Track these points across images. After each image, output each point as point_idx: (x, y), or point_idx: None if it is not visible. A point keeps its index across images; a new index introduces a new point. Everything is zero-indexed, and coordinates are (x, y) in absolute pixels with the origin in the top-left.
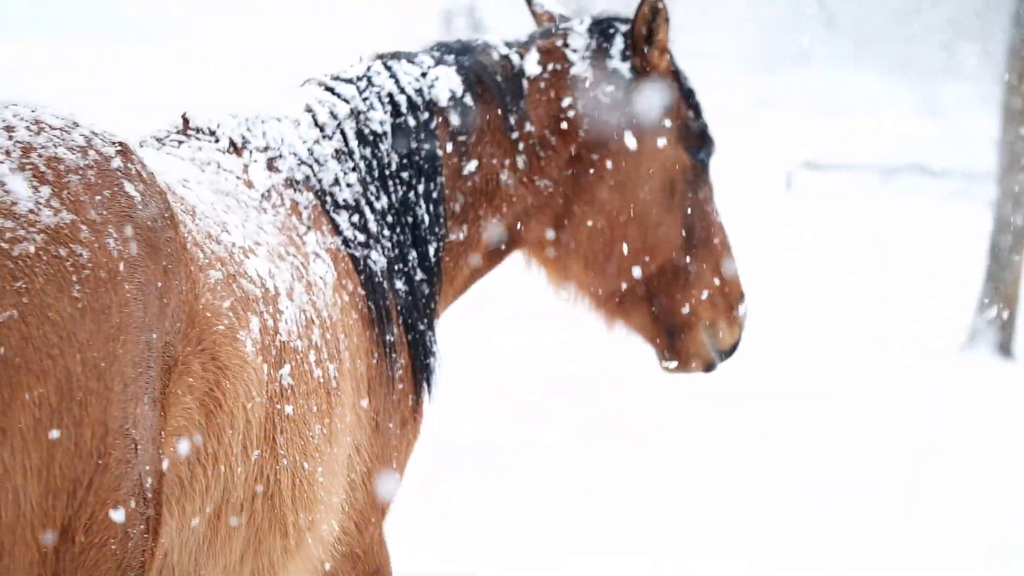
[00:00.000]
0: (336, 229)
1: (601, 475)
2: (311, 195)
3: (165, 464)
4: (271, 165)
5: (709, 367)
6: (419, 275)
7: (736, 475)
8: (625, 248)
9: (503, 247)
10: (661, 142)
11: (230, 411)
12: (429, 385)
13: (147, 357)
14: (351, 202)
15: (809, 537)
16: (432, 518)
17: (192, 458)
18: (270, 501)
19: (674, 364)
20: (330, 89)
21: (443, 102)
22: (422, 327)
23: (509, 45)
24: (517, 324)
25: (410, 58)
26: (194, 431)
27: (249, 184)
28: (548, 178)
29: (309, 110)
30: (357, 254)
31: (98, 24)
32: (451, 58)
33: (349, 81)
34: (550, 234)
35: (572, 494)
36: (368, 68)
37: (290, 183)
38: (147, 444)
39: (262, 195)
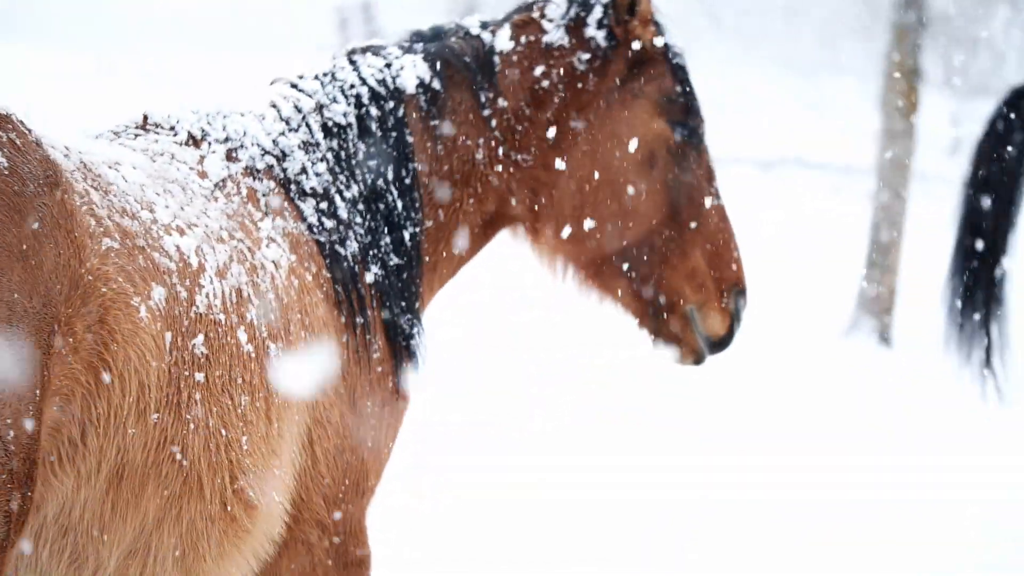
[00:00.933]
0: (301, 216)
1: (592, 463)
2: (272, 184)
3: (33, 420)
4: (230, 156)
5: (698, 357)
6: (395, 260)
7: (717, 463)
8: (602, 219)
9: (488, 226)
10: (639, 113)
11: (120, 374)
12: (415, 366)
13: (8, 316)
14: (319, 190)
15: (783, 527)
16: (418, 506)
17: (82, 418)
18: (180, 466)
19: (662, 348)
20: (295, 86)
21: (411, 90)
22: (400, 310)
23: (484, 25)
24: (507, 310)
25: (377, 51)
26: (81, 391)
27: (203, 174)
28: (526, 151)
29: (274, 105)
30: (322, 239)
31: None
32: (420, 46)
33: (315, 78)
34: (531, 207)
35: (564, 483)
36: (334, 64)
37: (250, 172)
38: (6, 397)
39: (216, 184)
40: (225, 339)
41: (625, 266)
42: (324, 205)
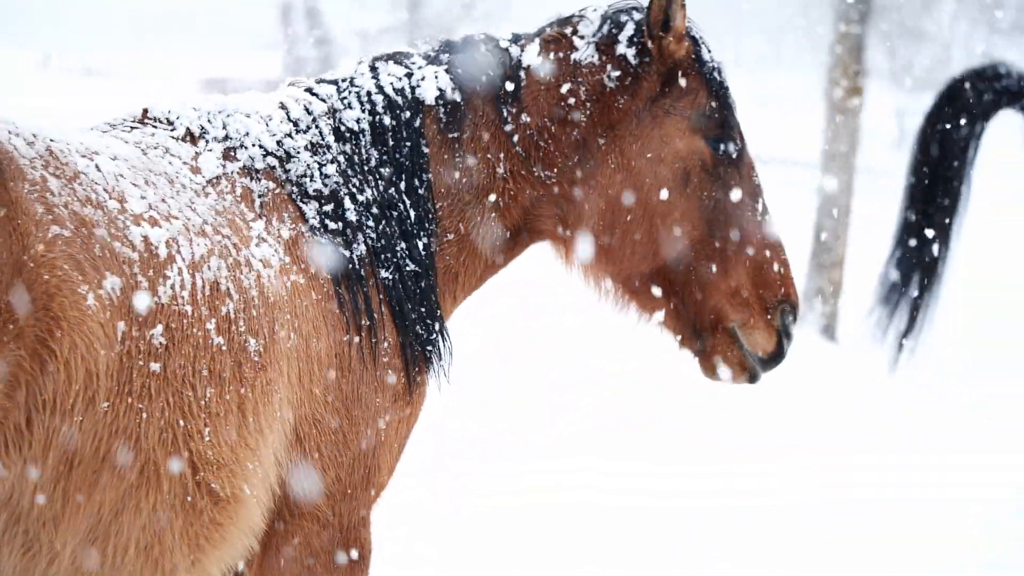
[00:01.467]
0: (303, 217)
1: (609, 468)
2: (272, 184)
3: None
4: (227, 155)
5: (750, 375)
6: (410, 266)
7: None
8: (635, 239)
9: (514, 240)
10: (672, 130)
11: (66, 361)
12: (433, 370)
13: None
14: (325, 192)
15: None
16: (437, 508)
17: (27, 404)
18: (135, 456)
19: (709, 369)
20: (309, 89)
21: (430, 100)
22: (416, 315)
23: (516, 39)
24: (525, 316)
25: (400, 59)
26: (26, 378)
27: (196, 170)
28: (550, 168)
29: (283, 107)
30: (325, 241)
31: None
32: (445, 56)
33: (332, 83)
34: (560, 225)
35: (581, 487)
36: (355, 70)
37: (247, 172)
38: None
39: (209, 180)
40: (191, 331)
41: (663, 286)
42: (330, 207)
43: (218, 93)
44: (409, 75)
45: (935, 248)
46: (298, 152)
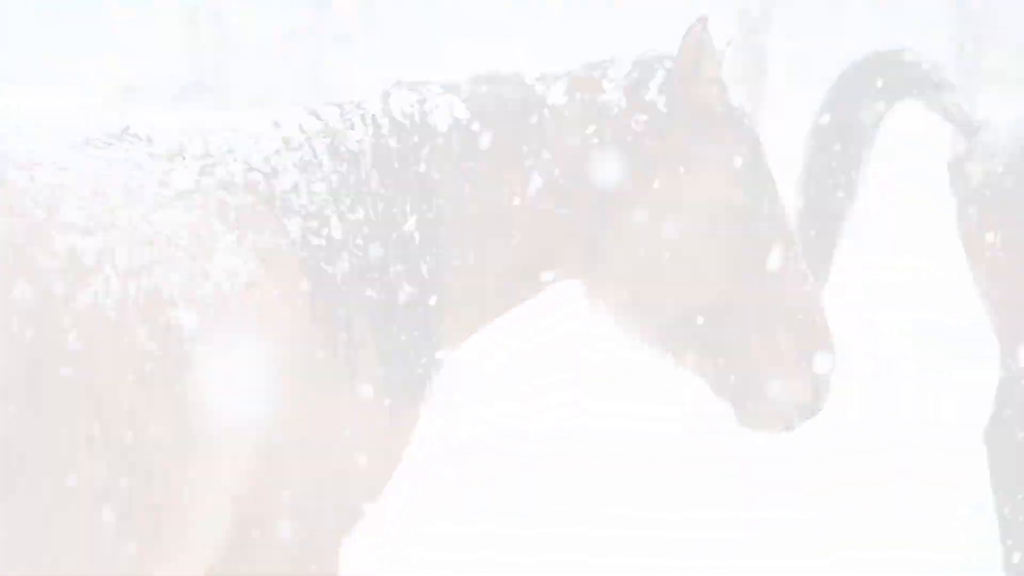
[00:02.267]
0: (284, 232)
1: (614, 472)
2: (252, 198)
3: None
4: (204, 170)
5: (786, 424)
6: (407, 288)
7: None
8: (660, 286)
9: (531, 277)
10: (700, 177)
11: None
12: (419, 391)
13: None
14: (312, 209)
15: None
16: (431, 514)
17: None
18: (47, 462)
19: (745, 418)
20: (311, 111)
21: (443, 128)
22: (405, 336)
23: (543, 78)
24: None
25: (415, 87)
26: None
27: (164, 184)
28: (573, 208)
29: (276, 126)
30: (304, 255)
31: None
32: (466, 88)
33: (337, 106)
34: (583, 267)
35: (588, 487)
36: (368, 96)
37: (224, 186)
38: None
39: (178, 193)
40: (115, 334)
41: (693, 334)
42: (314, 224)
43: (127, 98)
44: (422, 102)
45: (825, 237)
46: (285, 168)
